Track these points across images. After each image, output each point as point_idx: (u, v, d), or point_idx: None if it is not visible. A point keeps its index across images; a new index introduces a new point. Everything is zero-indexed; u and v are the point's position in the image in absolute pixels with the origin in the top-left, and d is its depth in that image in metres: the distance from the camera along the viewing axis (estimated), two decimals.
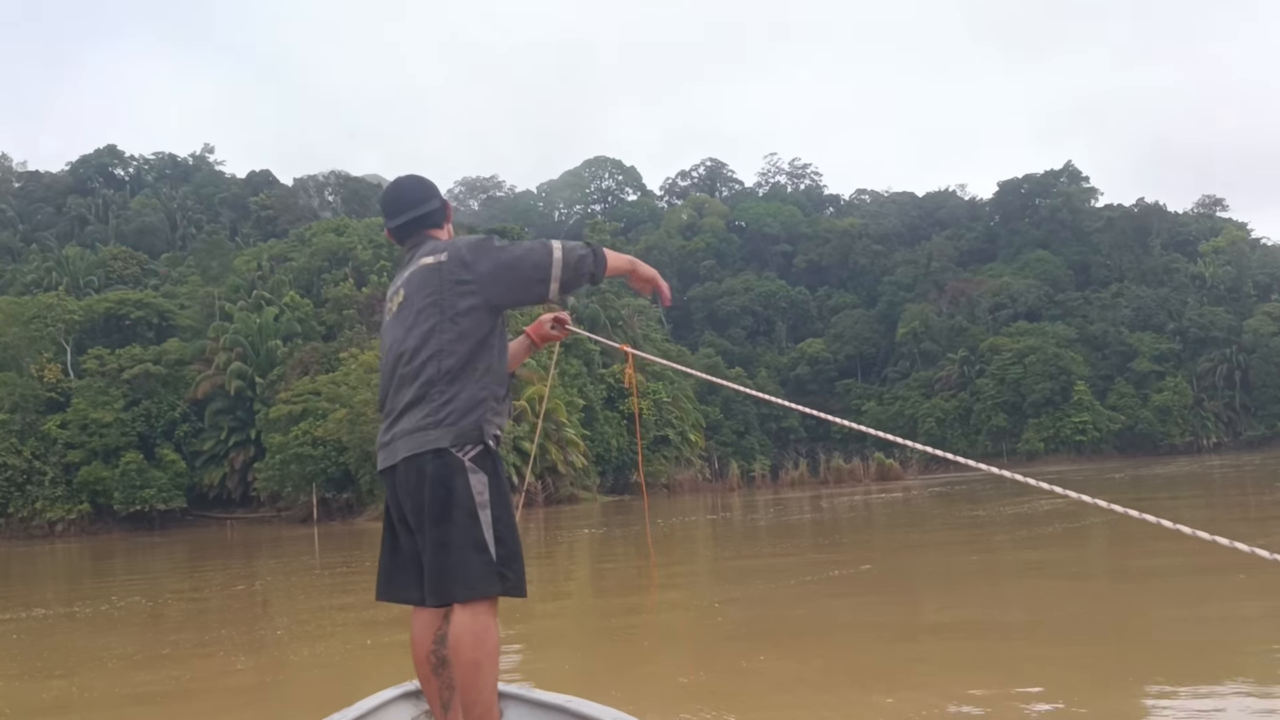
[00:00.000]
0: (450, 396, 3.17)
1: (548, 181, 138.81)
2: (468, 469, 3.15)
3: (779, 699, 6.77)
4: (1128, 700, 6.34)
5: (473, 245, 3.29)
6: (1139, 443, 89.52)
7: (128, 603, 17.51)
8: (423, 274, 3.29)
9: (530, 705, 3.64)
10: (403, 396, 3.24)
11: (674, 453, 73.44)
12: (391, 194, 3.56)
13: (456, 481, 3.13)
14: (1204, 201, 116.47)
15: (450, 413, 3.16)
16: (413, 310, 3.27)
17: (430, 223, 3.50)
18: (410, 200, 3.51)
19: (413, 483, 3.18)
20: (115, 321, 70.69)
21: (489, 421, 3.24)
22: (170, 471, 63.17)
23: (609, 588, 16.16)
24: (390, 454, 3.26)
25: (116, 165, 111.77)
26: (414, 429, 3.18)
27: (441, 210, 3.54)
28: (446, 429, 3.15)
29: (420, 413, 3.19)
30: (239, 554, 33.07)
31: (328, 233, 76.78)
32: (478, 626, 3.06)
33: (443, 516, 3.11)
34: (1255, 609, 9.54)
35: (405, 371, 3.25)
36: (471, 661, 3.04)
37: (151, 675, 9.63)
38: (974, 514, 26.67)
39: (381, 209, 3.62)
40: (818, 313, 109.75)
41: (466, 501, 3.12)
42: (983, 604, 11.19)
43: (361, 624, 12.48)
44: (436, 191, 3.58)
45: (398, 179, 3.61)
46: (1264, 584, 10.17)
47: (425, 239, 3.46)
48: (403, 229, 3.50)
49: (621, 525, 33.98)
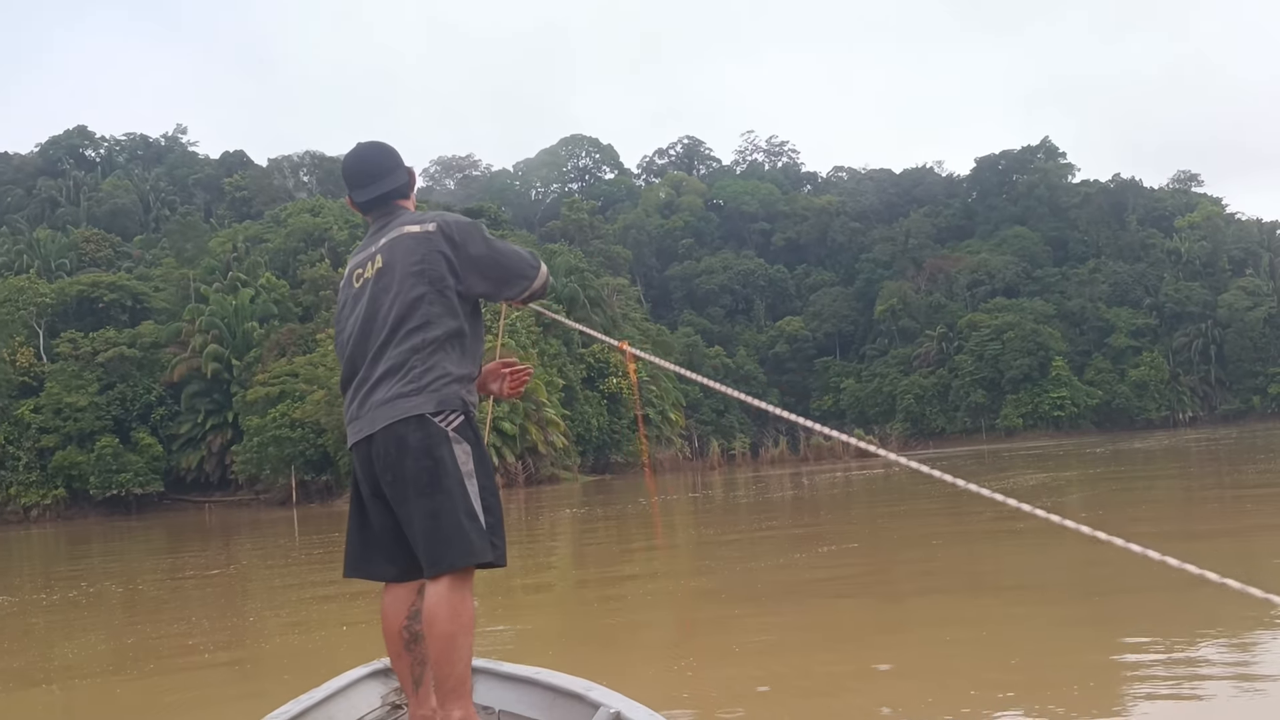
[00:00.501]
0: (432, 365, 3.10)
1: (524, 160, 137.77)
2: (451, 439, 3.08)
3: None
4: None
5: (463, 226, 3.23)
6: (1116, 417, 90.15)
7: (102, 587, 17.29)
8: (408, 242, 3.20)
9: (500, 678, 3.64)
10: (379, 365, 3.15)
11: (654, 432, 73.37)
12: (355, 165, 3.44)
13: (442, 451, 3.05)
14: (1179, 177, 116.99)
15: (433, 380, 3.09)
16: (395, 278, 3.17)
17: (399, 194, 3.42)
18: (378, 170, 3.41)
19: (393, 454, 3.08)
20: (88, 304, 69.95)
21: (469, 394, 3.20)
22: (147, 455, 62.68)
23: (617, 564, 16.00)
24: (368, 424, 3.14)
25: (87, 146, 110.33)
26: (393, 397, 3.09)
27: (408, 180, 3.46)
28: (429, 395, 3.08)
29: (398, 381, 3.10)
30: (217, 537, 32.81)
31: (303, 213, 76.12)
32: (455, 599, 3.00)
33: (432, 486, 3.03)
34: (1234, 571, 9.47)
35: (388, 339, 3.14)
36: (447, 634, 2.98)
37: (127, 658, 9.47)
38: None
39: (345, 179, 3.47)
40: (796, 291, 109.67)
41: (454, 470, 3.05)
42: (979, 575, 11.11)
43: (340, 605, 12.36)
44: (400, 159, 3.48)
45: (359, 147, 3.48)
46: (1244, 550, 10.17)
47: (397, 209, 3.38)
48: (371, 201, 3.40)
49: (604, 504, 33.88)
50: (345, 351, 3.30)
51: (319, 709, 3.46)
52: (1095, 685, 6.08)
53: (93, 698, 8.07)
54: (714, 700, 6.31)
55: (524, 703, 3.51)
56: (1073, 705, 5.67)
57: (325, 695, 3.53)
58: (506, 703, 3.54)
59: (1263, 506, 16.16)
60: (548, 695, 3.45)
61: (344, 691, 3.63)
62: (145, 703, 7.75)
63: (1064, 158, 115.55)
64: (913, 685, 6.35)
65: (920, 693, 6.17)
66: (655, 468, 70.46)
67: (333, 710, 3.52)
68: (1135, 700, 5.73)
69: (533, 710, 3.46)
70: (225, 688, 7.95)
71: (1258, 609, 7.69)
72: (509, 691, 3.58)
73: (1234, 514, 15.50)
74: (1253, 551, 11.38)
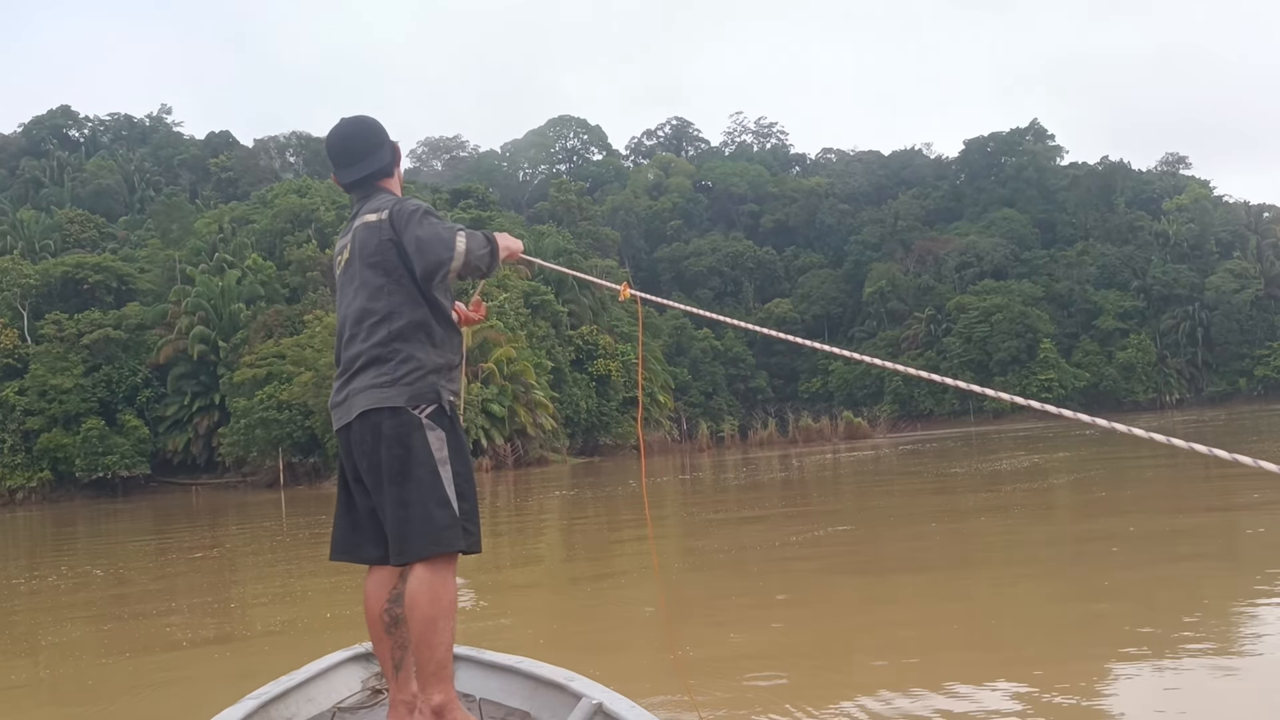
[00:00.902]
0: (405, 357, 3.13)
1: (512, 141, 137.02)
2: (425, 426, 3.10)
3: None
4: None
5: (405, 214, 3.18)
6: (1103, 400, 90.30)
7: (87, 569, 17.13)
8: (364, 232, 3.23)
9: (483, 666, 3.65)
10: (357, 355, 3.19)
11: (643, 414, 73.33)
12: (339, 142, 3.41)
13: (415, 439, 3.08)
14: (1167, 159, 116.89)
15: (407, 373, 3.12)
16: (357, 269, 3.22)
17: (383, 174, 3.40)
18: (361, 150, 3.37)
19: (369, 442, 3.13)
20: (73, 286, 69.43)
21: (444, 387, 3.19)
22: (133, 438, 62.35)
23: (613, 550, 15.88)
24: (345, 411, 3.20)
25: (71, 126, 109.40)
26: (369, 386, 3.14)
27: (392, 158, 3.43)
28: (402, 388, 3.11)
29: (375, 372, 3.14)
30: (205, 519, 32.61)
31: (290, 194, 75.61)
32: (436, 583, 3.02)
33: (403, 475, 3.06)
34: (1214, 548, 9.89)
35: (357, 330, 3.20)
36: (428, 618, 2.99)
37: (110, 641, 9.35)
38: (951, 471, 26.62)
39: (329, 156, 3.44)
40: (784, 273, 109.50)
41: (426, 459, 3.08)
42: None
43: (328, 588, 12.24)
44: (385, 135, 3.44)
45: (342, 123, 3.44)
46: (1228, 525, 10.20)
47: (374, 191, 3.36)
48: (355, 183, 3.38)
49: (593, 487, 33.77)
50: (337, 338, 3.36)
51: (298, 691, 3.46)
52: (1078, 655, 6.14)
53: (77, 679, 7.93)
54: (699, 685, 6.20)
55: (505, 691, 3.51)
56: (1058, 675, 5.72)
57: (305, 678, 3.53)
58: (488, 691, 3.55)
59: (1248, 484, 16.22)
60: (529, 684, 3.45)
61: (324, 675, 3.64)
62: (131, 683, 7.63)
63: (1052, 140, 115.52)
64: (900, 659, 6.34)
65: (910, 666, 6.15)
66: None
67: (312, 692, 3.52)
68: (1119, 669, 5.79)
69: (514, 699, 3.45)
70: (211, 667, 7.83)
71: (1243, 582, 7.82)
72: (491, 680, 3.59)
73: (1221, 493, 15.56)
74: (1237, 524, 11.81)
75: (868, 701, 5.46)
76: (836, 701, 5.50)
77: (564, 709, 3.15)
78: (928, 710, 5.26)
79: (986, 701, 5.36)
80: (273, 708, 3.30)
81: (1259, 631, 6.46)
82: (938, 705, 5.32)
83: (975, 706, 5.28)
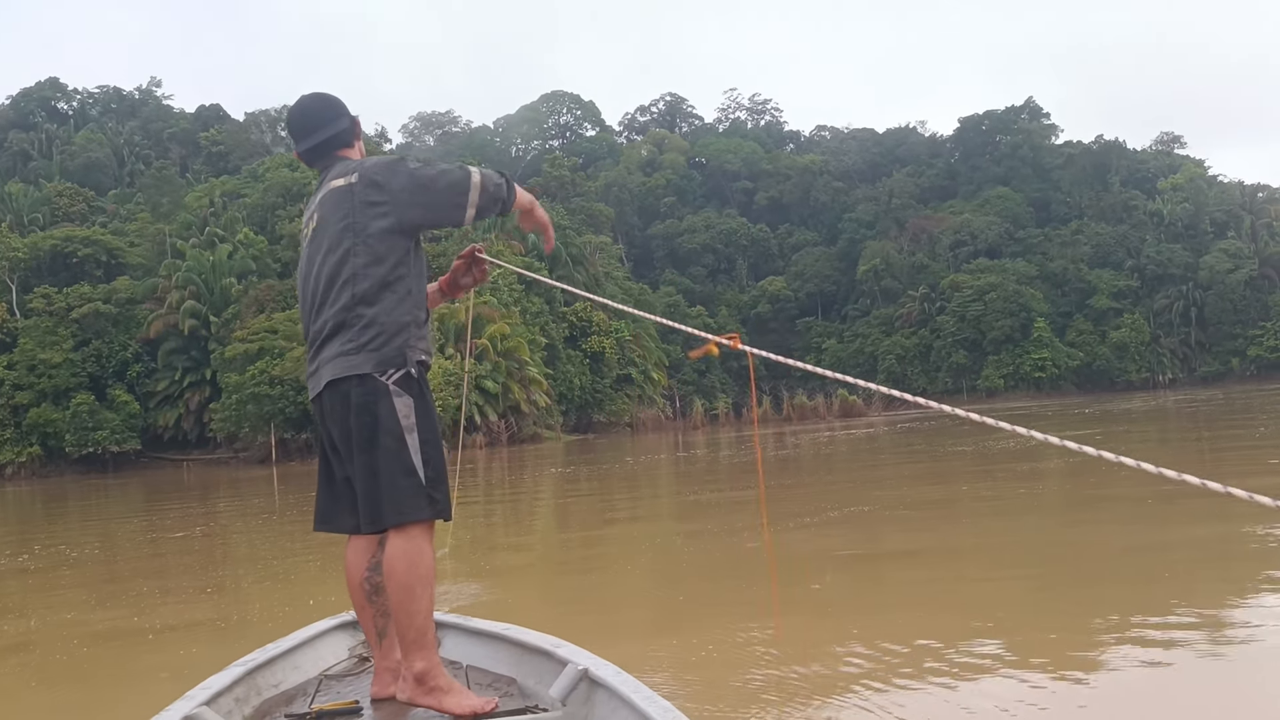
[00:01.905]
0: (370, 321, 3.07)
1: (504, 117, 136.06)
2: (392, 392, 3.06)
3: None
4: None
5: (384, 165, 3.17)
6: (1096, 379, 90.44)
7: (79, 544, 16.85)
8: (334, 197, 3.18)
9: (468, 634, 3.70)
10: (323, 323, 3.15)
11: (637, 391, 73.12)
12: (297, 116, 3.42)
13: (381, 406, 3.04)
14: (1162, 139, 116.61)
15: (372, 338, 3.07)
16: (326, 235, 3.16)
17: (340, 142, 3.38)
18: (317, 121, 3.38)
19: (339, 410, 3.11)
20: (62, 259, 68.86)
21: (412, 347, 3.13)
22: (123, 413, 61.97)
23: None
24: (315, 382, 3.19)
25: (59, 99, 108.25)
26: (336, 355, 3.10)
27: (350, 129, 3.42)
28: (369, 354, 3.06)
29: (342, 339, 3.10)
30: (196, 495, 32.34)
31: (282, 168, 74.92)
32: (412, 550, 3.01)
33: (370, 442, 3.04)
34: (1207, 533, 9.87)
35: (324, 298, 3.15)
36: (405, 585, 2.99)
37: (104, 616, 9.13)
38: (959, 449, 26.42)
39: (289, 131, 3.45)
40: (778, 250, 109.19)
41: (392, 425, 3.04)
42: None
43: (321, 563, 11.99)
44: (344, 108, 3.45)
45: (302, 99, 3.46)
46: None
47: (335, 160, 3.33)
48: (312, 151, 3.37)
49: (590, 464, 33.55)
50: (302, 310, 3.33)
51: (285, 659, 3.48)
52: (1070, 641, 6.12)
53: (67, 660, 7.65)
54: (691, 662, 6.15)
55: (491, 658, 3.54)
56: (1050, 658, 5.71)
57: (292, 645, 3.56)
58: (474, 658, 3.58)
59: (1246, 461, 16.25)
60: (515, 651, 3.47)
61: (311, 642, 3.67)
62: (121, 663, 7.41)
63: (1047, 118, 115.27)
64: (891, 641, 6.23)
65: (898, 649, 6.07)
66: (637, 427, 70.21)
67: (299, 660, 3.55)
68: (1107, 656, 5.72)
69: (500, 666, 3.48)
70: (203, 648, 7.54)
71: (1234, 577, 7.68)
72: (477, 647, 3.62)
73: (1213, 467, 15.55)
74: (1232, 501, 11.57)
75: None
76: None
77: (550, 675, 3.16)
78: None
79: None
80: (259, 675, 3.31)
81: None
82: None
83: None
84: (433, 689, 3.00)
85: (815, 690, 5.35)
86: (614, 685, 2.90)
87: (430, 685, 3.00)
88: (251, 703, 3.18)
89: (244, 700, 3.15)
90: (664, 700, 2.73)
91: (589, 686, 3.00)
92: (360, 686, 3.36)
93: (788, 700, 5.19)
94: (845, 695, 5.21)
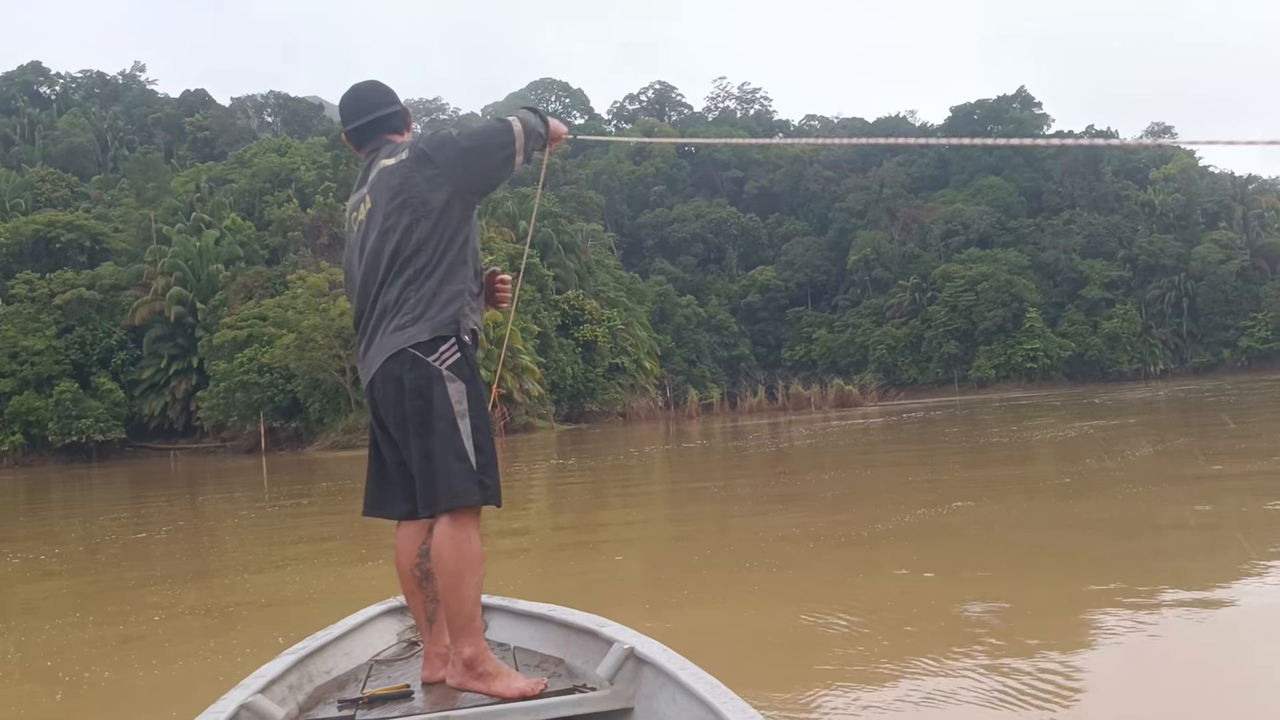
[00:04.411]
0: (426, 293, 3.12)
1: (492, 104, 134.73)
2: (445, 378, 3.08)
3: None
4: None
5: (432, 139, 3.24)
6: (1088, 369, 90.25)
7: (61, 536, 16.13)
8: (387, 175, 3.21)
9: (515, 615, 3.74)
10: (380, 304, 3.17)
11: (629, 380, 72.46)
12: (349, 99, 3.46)
13: (435, 391, 3.07)
14: (1154, 129, 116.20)
15: (427, 306, 3.11)
16: (381, 214, 3.19)
17: (389, 126, 3.42)
18: (369, 103, 3.42)
19: (392, 396, 3.14)
20: (45, 245, 67.77)
21: (466, 315, 3.18)
22: (108, 401, 61.06)
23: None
24: (367, 366, 3.22)
25: (42, 83, 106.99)
26: (391, 331, 3.13)
27: (401, 115, 3.46)
28: (425, 323, 3.09)
29: (395, 315, 3.13)
30: (183, 485, 31.58)
31: (269, 153, 74.02)
32: (459, 537, 3.04)
33: (425, 427, 3.07)
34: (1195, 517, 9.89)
35: (384, 276, 3.16)
36: (453, 572, 3.03)
37: (94, 616, 8.47)
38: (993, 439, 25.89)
39: (340, 114, 3.51)
40: (768, 240, 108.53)
41: (445, 411, 3.07)
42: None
43: (316, 558, 11.55)
44: (396, 97, 3.50)
45: (355, 85, 3.50)
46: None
47: (384, 143, 3.36)
48: (362, 131, 3.40)
49: (592, 455, 32.93)
50: (352, 297, 3.35)
51: (335, 645, 3.52)
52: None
53: (50, 655, 6.96)
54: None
55: (538, 639, 3.59)
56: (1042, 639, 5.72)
57: (342, 631, 3.60)
58: (521, 639, 3.63)
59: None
60: (562, 632, 3.51)
61: (360, 628, 3.72)
62: (99, 656, 6.73)
63: (1039, 108, 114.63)
64: (880, 623, 6.35)
65: (887, 632, 6.15)
66: (629, 416, 69.57)
67: (349, 645, 3.59)
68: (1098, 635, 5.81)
69: (546, 646, 3.52)
70: (193, 646, 6.90)
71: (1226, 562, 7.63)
72: (523, 628, 3.67)
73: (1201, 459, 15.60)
74: (1222, 488, 12.23)
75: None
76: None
77: (596, 654, 3.18)
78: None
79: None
80: (311, 662, 3.34)
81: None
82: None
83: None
84: (482, 674, 3.03)
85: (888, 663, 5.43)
86: (661, 663, 2.93)
87: (479, 670, 3.04)
88: (304, 690, 3.20)
89: (297, 688, 3.16)
90: (711, 677, 2.74)
91: (635, 665, 3.02)
92: (410, 671, 3.39)
93: (848, 681, 5.14)
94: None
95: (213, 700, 2.82)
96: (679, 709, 2.76)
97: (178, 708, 5.07)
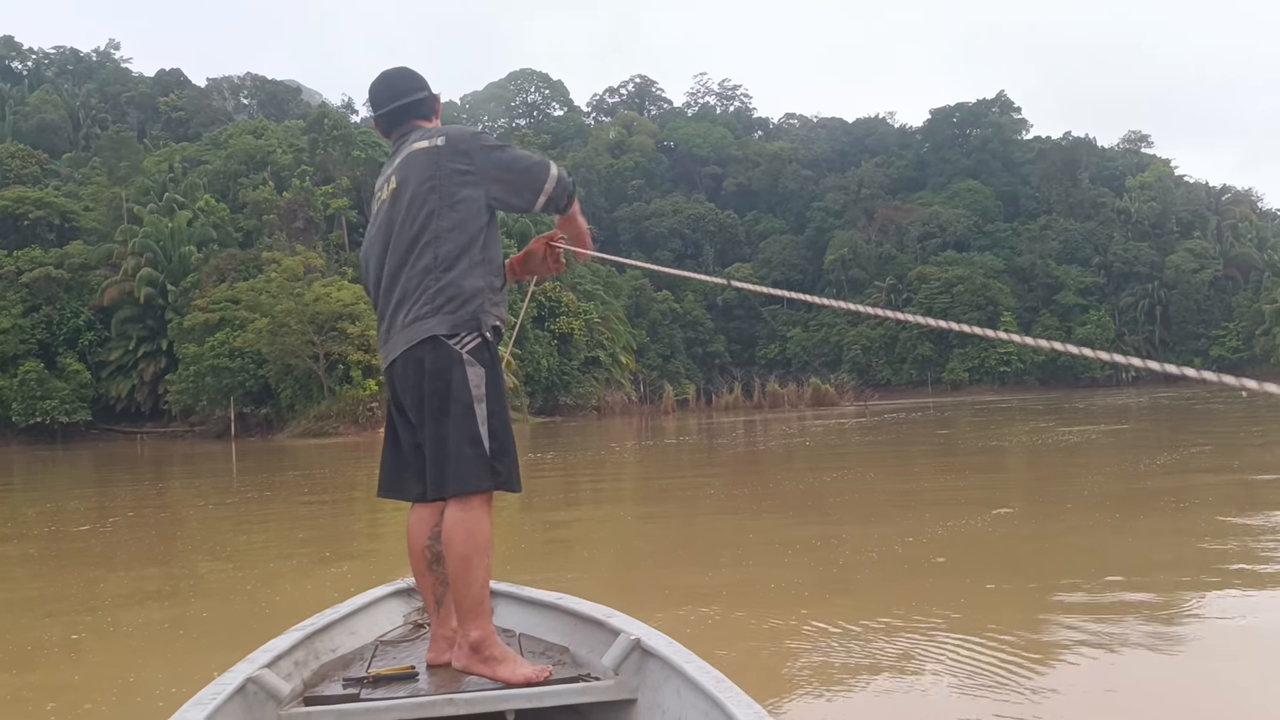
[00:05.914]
0: (447, 283, 3.10)
1: (471, 93, 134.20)
2: (465, 361, 3.07)
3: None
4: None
5: (471, 136, 3.24)
6: (1060, 374, 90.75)
7: (23, 522, 15.60)
8: (418, 159, 3.21)
9: (522, 602, 3.77)
10: (398, 288, 3.18)
11: (604, 374, 72.05)
12: (380, 84, 3.47)
13: (454, 374, 3.06)
14: (1131, 137, 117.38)
15: (448, 300, 3.09)
16: (407, 195, 3.19)
17: (419, 112, 3.43)
18: (400, 89, 3.43)
19: (411, 376, 3.13)
20: (12, 221, 66.63)
21: (487, 312, 3.15)
22: (74, 382, 60.07)
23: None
24: (391, 348, 3.19)
25: (13, 58, 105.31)
26: (411, 320, 3.12)
27: (430, 101, 3.47)
28: (445, 316, 3.08)
29: (415, 303, 3.12)
30: (149, 470, 30.94)
31: (245, 135, 73.04)
32: (470, 521, 3.05)
33: (441, 410, 3.07)
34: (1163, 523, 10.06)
35: (404, 259, 3.17)
36: (463, 556, 3.04)
37: (57, 616, 7.97)
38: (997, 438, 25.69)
39: (370, 100, 3.49)
40: (746, 237, 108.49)
41: (463, 395, 3.06)
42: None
43: (287, 551, 11.18)
44: (426, 83, 3.52)
45: (385, 71, 3.52)
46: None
47: (414, 128, 3.37)
48: (391, 116, 3.41)
49: (569, 450, 32.58)
50: (369, 277, 3.36)
51: (342, 624, 3.54)
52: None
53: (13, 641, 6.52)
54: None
55: (544, 627, 3.60)
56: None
57: (349, 611, 3.61)
58: (528, 626, 3.64)
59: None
60: (569, 620, 3.52)
61: (368, 608, 3.74)
62: (63, 641, 6.26)
63: (1018, 113, 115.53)
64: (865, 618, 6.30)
65: (866, 627, 6.12)
66: (604, 410, 69.18)
67: (356, 625, 3.61)
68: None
69: (553, 635, 3.54)
70: (171, 646, 6.48)
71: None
72: (530, 615, 3.69)
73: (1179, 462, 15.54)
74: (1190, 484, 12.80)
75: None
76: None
77: (602, 644, 3.19)
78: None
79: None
80: (317, 639, 3.36)
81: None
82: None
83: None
84: (487, 658, 3.04)
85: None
86: (666, 655, 2.92)
87: (485, 654, 3.04)
88: (310, 666, 3.21)
89: (303, 664, 3.18)
90: (716, 670, 2.72)
91: (641, 656, 3.02)
92: (416, 652, 3.41)
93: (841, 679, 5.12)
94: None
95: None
96: (683, 702, 2.75)
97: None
